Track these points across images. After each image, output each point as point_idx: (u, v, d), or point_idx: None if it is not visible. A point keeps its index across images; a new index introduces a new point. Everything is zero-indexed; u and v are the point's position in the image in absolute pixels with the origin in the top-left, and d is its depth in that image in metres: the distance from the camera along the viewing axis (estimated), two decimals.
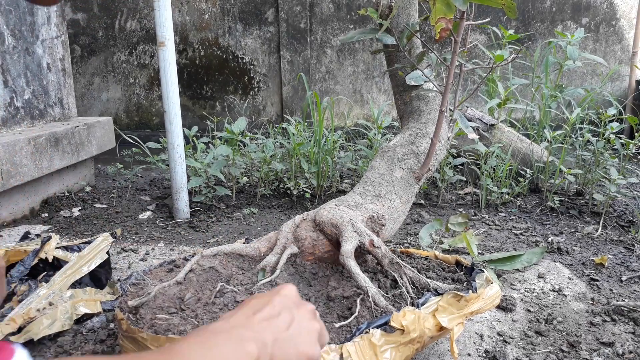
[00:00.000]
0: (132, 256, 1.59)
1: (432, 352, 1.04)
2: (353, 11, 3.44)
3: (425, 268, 1.11)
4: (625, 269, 1.48)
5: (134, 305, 0.90)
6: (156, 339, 0.76)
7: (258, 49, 3.45)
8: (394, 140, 1.47)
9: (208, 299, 0.91)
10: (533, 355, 1.04)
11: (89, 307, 1.15)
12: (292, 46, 3.42)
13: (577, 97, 3.02)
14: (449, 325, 0.85)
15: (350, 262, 0.96)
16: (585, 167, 2.19)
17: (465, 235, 1.38)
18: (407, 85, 1.62)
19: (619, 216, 1.92)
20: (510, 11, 1.09)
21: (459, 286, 0.98)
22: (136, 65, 3.49)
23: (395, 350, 0.79)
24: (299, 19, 3.38)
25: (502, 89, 2.18)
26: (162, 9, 1.75)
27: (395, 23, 1.55)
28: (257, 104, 3.54)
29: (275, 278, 0.98)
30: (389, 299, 0.95)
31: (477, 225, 1.86)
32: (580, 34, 2.19)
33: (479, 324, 1.17)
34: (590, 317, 1.20)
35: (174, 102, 1.82)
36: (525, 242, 1.69)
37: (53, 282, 1.15)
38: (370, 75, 3.56)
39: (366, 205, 1.19)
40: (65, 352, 1.04)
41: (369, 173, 1.34)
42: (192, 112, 3.56)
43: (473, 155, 2.19)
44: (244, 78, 3.50)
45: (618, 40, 3.63)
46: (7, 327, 1.02)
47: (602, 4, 3.56)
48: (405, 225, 1.86)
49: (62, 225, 1.90)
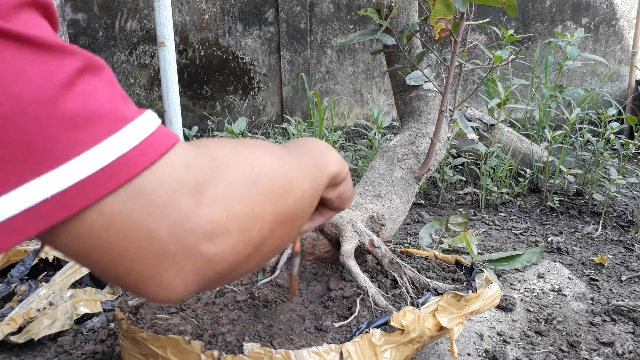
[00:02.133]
0: None
1: (432, 352, 1.04)
2: (353, 11, 3.44)
3: (425, 268, 1.11)
4: (625, 269, 1.48)
5: (134, 305, 0.90)
6: (156, 338, 0.76)
7: (258, 49, 3.46)
8: (394, 140, 1.47)
9: (208, 298, 0.91)
10: (533, 355, 1.04)
11: (89, 307, 1.15)
12: (292, 46, 3.42)
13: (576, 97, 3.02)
14: (449, 325, 0.85)
15: (350, 262, 0.96)
16: (585, 167, 2.19)
17: (465, 235, 1.38)
18: (407, 85, 1.63)
19: (618, 216, 1.92)
20: (511, 10, 1.09)
21: (459, 286, 0.98)
22: (136, 66, 3.49)
23: (395, 350, 0.79)
24: (299, 19, 3.38)
25: (502, 89, 2.19)
26: (162, 9, 1.75)
27: (395, 23, 1.55)
28: (257, 104, 3.54)
29: (275, 278, 0.98)
30: (389, 298, 0.95)
31: (476, 225, 1.87)
32: (579, 34, 2.19)
33: (478, 324, 1.17)
34: (590, 317, 1.20)
35: (174, 102, 1.82)
36: (525, 242, 1.69)
37: (53, 282, 1.15)
38: (370, 76, 3.56)
39: (366, 205, 1.20)
40: (66, 352, 1.04)
41: (368, 173, 1.34)
42: (192, 112, 3.57)
43: (473, 155, 2.19)
44: (244, 78, 3.50)
45: (618, 40, 3.63)
46: (7, 327, 1.02)
47: (602, 4, 3.57)
48: (405, 225, 1.86)
49: None
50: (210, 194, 0.32)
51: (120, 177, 0.28)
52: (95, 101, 0.29)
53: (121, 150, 0.28)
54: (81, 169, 0.27)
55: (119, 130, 0.29)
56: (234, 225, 0.32)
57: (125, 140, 0.29)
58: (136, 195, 0.29)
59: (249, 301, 0.91)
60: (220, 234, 0.31)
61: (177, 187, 0.30)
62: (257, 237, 0.35)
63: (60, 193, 0.27)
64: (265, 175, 0.36)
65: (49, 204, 0.27)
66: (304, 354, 0.71)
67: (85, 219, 0.28)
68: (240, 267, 0.35)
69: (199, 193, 0.31)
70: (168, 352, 0.74)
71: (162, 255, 0.30)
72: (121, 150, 0.28)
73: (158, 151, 0.30)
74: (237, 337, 0.80)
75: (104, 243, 0.29)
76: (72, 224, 0.28)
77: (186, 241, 0.30)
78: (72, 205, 0.27)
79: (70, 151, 0.27)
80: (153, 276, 0.30)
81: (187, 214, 0.30)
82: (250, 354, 0.72)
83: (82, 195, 0.27)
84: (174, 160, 0.31)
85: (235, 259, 0.33)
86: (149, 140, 0.30)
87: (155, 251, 0.29)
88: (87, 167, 0.27)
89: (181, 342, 0.74)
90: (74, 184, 0.27)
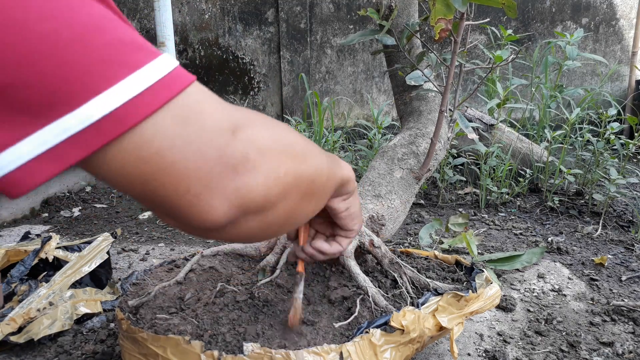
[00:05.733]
0: (133, 256, 1.59)
1: (432, 352, 1.04)
2: (353, 11, 3.44)
3: (425, 268, 1.11)
4: (625, 269, 1.48)
5: (134, 305, 0.90)
6: (156, 339, 0.76)
7: (258, 49, 3.45)
8: (394, 140, 1.47)
9: (208, 298, 0.91)
10: (533, 355, 1.04)
11: (89, 307, 1.15)
12: (292, 46, 3.42)
13: (576, 97, 3.02)
14: (449, 325, 0.85)
15: (350, 262, 0.96)
16: (585, 167, 2.19)
17: (465, 235, 1.38)
18: (407, 85, 1.62)
19: (618, 216, 1.92)
20: (510, 11, 1.09)
21: (459, 286, 0.98)
22: None
23: (395, 350, 0.79)
24: (299, 19, 3.38)
25: (501, 89, 2.19)
26: (162, 9, 1.75)
27: (395, 23, 1.55)
28: (257, 104, 3.54)
29: (275, 278, 0.98)
30: (389, 298, 0.95)
31: (477, 225, 1.87)
32: (579, 34, 2.19)
33: (478, 324, 1.17)
34: (590, 317, 1.20)
35: None
36: (525, 242, 1.69)
37: (53, 282, 1.15)
38: (370, 76, 3.56)
39: (366, 205, 1.20)
40: (66, 352, 1.04)
41: (368, 173, 1.34)
42: None
43: (473, 155, 2.19)
44: (244, 78, 3.50)
45: (618, 40, 3.63)
46: (7, 327, 1.02)
47: (601, 4, 3.56)
48: (405, 225, 1.86)
49: (62, 225, 1.91)
50: (244, 134, 0.37)
51: (163, 96, 0.32)
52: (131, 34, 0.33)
53: (159, 75, 0.32)
54: (132, 88, 0.31)
55: (153, 59, 0.33)
56: (264, 162, 0.38)
57: (162, 67, 0.33)
58: (187, 120, 0.34)
59: (249, 301, 0.91)
60: (253, 166, 0.37)
61: (219, 119, 0.36)
62: (284, 180, 0.40)
63: (119, 108, 0.30)
64: (287, 137, 0.43)
65: (114, 117, 0.30)
66: (303, 354, 0.71)
67: (145, 135, 0.32)
68: (270, 211, 0.40)
69: (236, 129, 0.37)
70: (168, 352, 0.74)
71: (211, 174, 0.35)
72: (159, 74, 0.32)
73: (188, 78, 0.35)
74: (237, 337, 0.80)
75: (168, 162, 0.33)
76: (135, 141, 0.32)
77: (229, 164, 0.35)
78: (129, 120, 0.31)
79: (120, 72, 0.30)
80: (204, 194, 0.35)
81: (228, 142, 0.36)
82: (250, 354, 0.71)
83: (136, 111, 0.31)
84: (209, 98, 0.36)
85: (266, 193, 0.38)
86: (178, 70, 0.35)
87: (207, 169, 0.34)
88: (136, 87, 0.31)
89: (181, 342, 0.74)
90: (129, 99, 0.31)
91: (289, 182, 0.41)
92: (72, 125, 0.29)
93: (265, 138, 0.39)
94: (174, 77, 0.33)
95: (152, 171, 0.33)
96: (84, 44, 0.29)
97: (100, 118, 0.29)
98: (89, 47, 0.29)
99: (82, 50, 0.29)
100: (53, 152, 0.29)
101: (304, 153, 0.44)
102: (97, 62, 0.29)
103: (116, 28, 0.32)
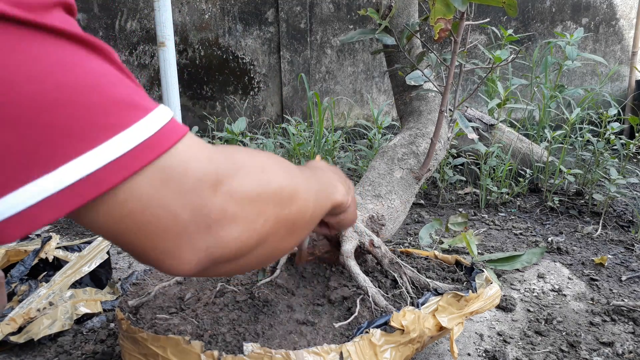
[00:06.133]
0: None
1: (432, 352, 1.04)
2: (353, 11, 3.44)
3: (425, 268, 1.11)
4: (625, 269, 1.48)
5: (134, 305, 0.90)
6: (156, 339, 0.76)
7: (258, 49, 3.45)
8: (394, 140, 1.47)
9: (208, 298, 0.91)
10: (533, 355, 1.04)
11: (89, 307, 1.15)
12: (292, 46, 3.42)
13: (576, 97, 3.02)
14: (449, 325, 0.85)
15: (350, 262, 0.96)
16: (585, 167, 2.19)
17: (465, 235, 1.38)
18: (407, 85, 1.62)
19: (618, 216, 1.92)
20: (511, 9, 1.09)
21: (459, 286, 0.98)
22: (136, 66, 3.49)
23: (395, 350, 0.79)
24: (299, 19, 3.38)
25: (501, 89, 2.19)
26: (162, 9, 1.75)
27: (395, 23, 1.55)
28: (257, 104, 3.54)
29: (275, 278, 0.98)
30: (389, 299, 0.95)
31: (476, 225, 1.87)
32: (579, 34, 2.19)
33: (478, 324, 1.17)
34: (590, 317, 1.20)
35: (174, 102, 1.82)
36: (525, 242, 1.69)
37: (53, 282, 1.15)
38: (370, 76, 3.56)
39: (366, 205, 1.20)
40: (66, 352, 1.04)
41: (368, 173, 1.34)
42: (193, 112, 3.56)
43: (473, 155, 2.19)
44: (244, 78, 3.50)
45: (618, 40, 3.63)
46: (7, 327, 1.02)
47: (601, 4, 3.56)
48: (405, 225, 1.86)
49: (62, 225, 1.91)
50: (226, 187, 0.37)
51: (143, 158, 0.32)
52: (123, 91, 0.32)
53: (144, 135, 0.32)
54: (112, 151, 0.31)
55: (142, 118, 0.32)
56: (242, 215, 0.38)
57: (150, 125, 0.33)
58: (166, 182, 0.34)
59: (249, 301, 0.91)
60: (230, 220, 0.37)
61: (201, 177, 0.35)
62: (260, 231, 0.40)
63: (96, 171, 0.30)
64: (274, 181, 0.42)
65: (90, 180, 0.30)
66: (303, 354, 0.71)
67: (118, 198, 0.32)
68: (244, 258, 0.40)
69: (218, 184, 0.36)
70: (168, 352, 0.74)
71: (182, 234, 0.35)
72: (144, 135, 0.32)
73: (177, 135, 0.35)
74: (237, 337, 0.80)
75: (138, 223, 0.33)
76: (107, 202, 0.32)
77: (202, 223, 0.35)
78: (104, 183, 0.31)
79: (103, 135, 0.30)
80: (173, 251, 0.35)
81: (206, 201, 0.35)
82: (250, 354, 0.71)
83: (113, 174, 0.31)
84: (198, 153, 0.36)
85: (240, 246, 0.38)
86: (169, 125, 0.34)
87: (178, 230, 0.35)
88: (117, 149, 0.31)
89: (181, 342, 0.74)
90: (107, 163, 0.31)
91: (268, 229, 0.41)
92: (48, 187, 0.29)
93: (248, 189, 0.38)
94: (161, 135, 0.33)
95: (123, 230, 0.33)
96: (69, 107, 0.29)
97: (75, 182, 0.30)
98: (74, 110, 0.29)
99: (66, 113, 0.29)
100: (25, 213, 0.30)
101: (290, 196, 0.43)
102: (79, 125, 0.29)
103: (114, 85, 0.32)
